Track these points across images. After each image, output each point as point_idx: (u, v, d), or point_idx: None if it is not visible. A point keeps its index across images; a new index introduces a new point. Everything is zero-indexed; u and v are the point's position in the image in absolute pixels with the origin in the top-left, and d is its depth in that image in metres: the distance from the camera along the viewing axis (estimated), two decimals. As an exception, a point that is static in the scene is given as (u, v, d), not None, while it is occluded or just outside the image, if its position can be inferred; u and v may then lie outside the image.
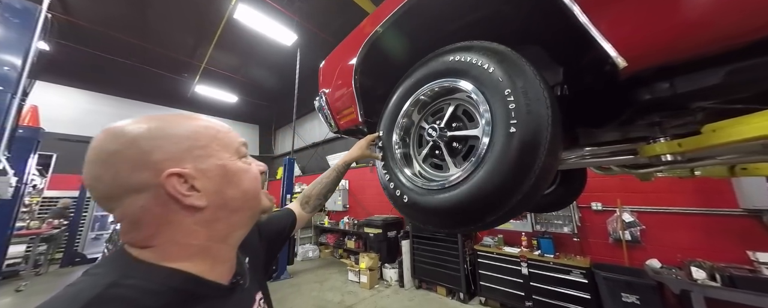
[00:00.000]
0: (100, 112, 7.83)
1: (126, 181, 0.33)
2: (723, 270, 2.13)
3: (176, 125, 0.37)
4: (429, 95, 0.85)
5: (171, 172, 0.34)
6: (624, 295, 2.39)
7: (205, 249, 0.38)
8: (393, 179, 0.87)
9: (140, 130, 0.35)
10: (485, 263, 3.49)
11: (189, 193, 0.35)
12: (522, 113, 0.57)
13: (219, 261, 0.40)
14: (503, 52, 0.66)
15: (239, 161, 0.42)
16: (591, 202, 3.12)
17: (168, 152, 0.35)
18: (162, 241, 0.35)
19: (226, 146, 0.41)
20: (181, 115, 0.40)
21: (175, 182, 0.34)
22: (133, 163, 0.33)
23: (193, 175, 0.35)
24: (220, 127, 0.42)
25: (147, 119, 0.37)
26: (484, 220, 0.63)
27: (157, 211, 0.34)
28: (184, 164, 0.35)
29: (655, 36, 0.46)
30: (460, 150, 0.78)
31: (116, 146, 0.33)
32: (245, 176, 0.41)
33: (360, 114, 1.09)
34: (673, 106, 0.57)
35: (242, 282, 0.44)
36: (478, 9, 0.87)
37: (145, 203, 0.34)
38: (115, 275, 0.32)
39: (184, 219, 0.35)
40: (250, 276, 0.49)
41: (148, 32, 6.12)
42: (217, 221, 0.38)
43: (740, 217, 2.33)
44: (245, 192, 0.41)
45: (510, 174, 0.57)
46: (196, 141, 0.37)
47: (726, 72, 0.46)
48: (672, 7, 0.44)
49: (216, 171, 0.38)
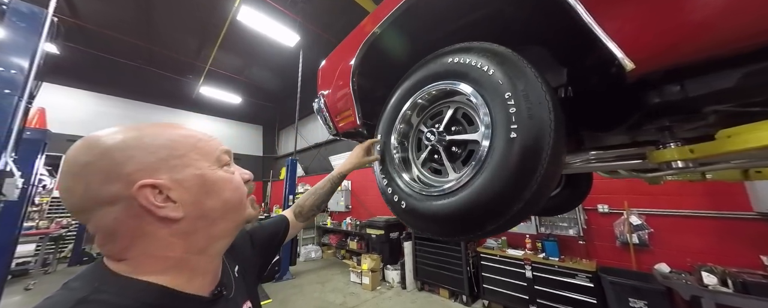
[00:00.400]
0: (107, 113, 7.97)
1: (97, 193, 0.32)
2: (735, 275, 2.06)
3: (153, 135, 0.36)
4: (427, 98, 0.83)
5: (143, 183, 0.33)
6: (631, 300, 2.32)
7: (183, 261, 0.36)
8: (391, 184, 0.85)
9: (114, 140, 0.34)
10: (488, 265, 3.45)
11: (163, 204, 0.34)
12: (523, 117, 0.54)
13: (198, 272, 0.39)
14: (503, 53, 0.63)
15: (220, 170, 0.40)
16: (597, 204, 3.05)
17: (141, 163, 0.34)
18: (136, 253, 0.34)
19: (206, 155, 0.39)
20: (161, 124, 0.39)
21: (148, 194, 0.33)
22: (104, 175, 0.32)
23: (167, 186, 0.34)
24: (201, 135, 0.41)
25: (125, 128, 0.36)
26: (484, 228, 0.61)
27: (130, 223, 0.33)
28: (158, 175, 0.34)
29: (665, 36, 0.43)
30: (460, 155, 0.76)
31: (88, 157, 0.33)
32: (226, 186, 0.40)
33: (358, 117, 1.07)
34: (684, 110, 0.54)
35: (226, 293, 0.43)
36: (478, 8, 0.85)
37: (117, 215, 0.33)
38: (88, 289, 0.31)
39: (159, 231, 0.34)
40: (237, 285, 0.48)
41: (153, 34, 6.21)
42: (195, 232, 0.37)
43: (754, 221, 2.25)
44: (226, 202, 0.39)
45: (511, 181, 0.54)
46: (173, 150, 0.36)
47: (742, 75, 0.43)
48: (682, 5, 0.41)
49: (193, 181, 0.37)
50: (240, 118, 11.09)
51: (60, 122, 6.88)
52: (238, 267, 0.51)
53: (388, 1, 0.90)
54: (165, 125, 0.39)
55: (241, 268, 0.52)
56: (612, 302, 2.44)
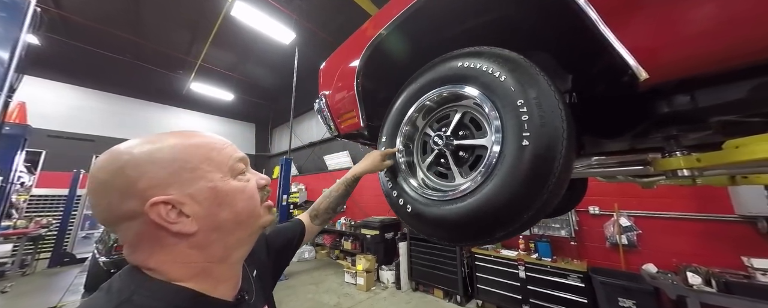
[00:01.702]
0: (92, 108, 7.65)
1: (118, 209, 0.34)
2: (718, 275, 2.14)
3: (165, 148, 0.36)
4: (435, 100, 0.82)
5: (154, 201, 0.33)
6: (621, 300, 2.39)
7: (205, 269, 0.38)
8: (396, 188, 0.84)
9: (129, 157, 0.35)
10: (482, 266, 3.49)
11: (176, 220, 0.35)
12: (535, 125, 0.54)
13: (221, 279, 0.40)
14: (515, 59, 0.63)
15: (233, 179, 0.40)
16: (588, 206, 3.13)
17: (153, 179, 0.34)
18: (160, 263, 0.35)
19: (219, 165, 0.39)
20: (175, 133, 0.39)
21: (160, 211, 0.34)
22: (121, 192, 0.33)
23: (180, 201, 0.35)
24: (214, 144, 0.41)
25: (141, 142, 0.37)
26: (494, 235, 0.60)
27: (150, 236, 0.35)
28: (169, 191, 0.34)
29: (680, 47, 0.44)
30: (467, 159, 0.75)
31: (106, 175, 0.34)
32: (239, 196, 0.40)
33: (362, 118, 1.05)
34: (693, 119, 0.55)
35: (247, 298, 0.44)
36: (485, 12, 0.85)
37: (137, 229, 0.34)
38: (127, 292, 0.33)
39: (177, 244, 0.36)
40: (256, 289, 0.49)
41: (142, 28, 6.00)
42: (211, 244, 0.38)
43: (736, 223, 2.35)
44: (239, 213, 0.39)
45: (522, 189, 0.54)
46: (185, 163, 0.36)
47: (751, 87, 0.44)
48: (698, 18, 0.41)
49: (206, 194, 0.37)
50: (232, 115, 10.87)
51: (42, 116, 6.58)
52: (256, 272, 0.52)
53: (395, 3, 0.88)
54: (181, 134, 0.39)
55: (258, 272, 0.53)
56: (602, 301, 2.51)
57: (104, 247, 3.38)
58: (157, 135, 0.38)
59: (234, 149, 0.43)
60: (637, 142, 0.76)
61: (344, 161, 6.95)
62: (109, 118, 7.88)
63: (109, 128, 7.80)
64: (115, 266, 3.31)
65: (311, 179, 7.96)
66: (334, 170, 7.23)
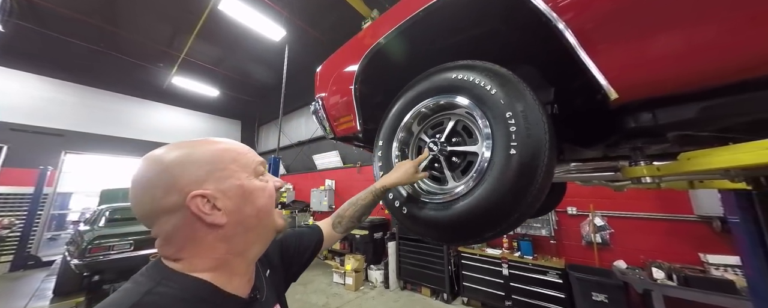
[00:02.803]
0: (61, 101, 7.13)
1: (160, 204, 0.38)
2: (679, 270, 2.35)
3: (200, 151, 0.42)
4: (430, 108, 0.87)
5: (195, 194, 0.38)
6: (594, 294, 2.57)
7: (225, 261, 0.41)
8: (392, 190, 0.88)
9: (170, 157, 0.40)
10: (468, 264, 3.60)
11: (211, 212, 0.39)
12: (522, 136, 0.60)
13: (237, 273, 0.43)
14: (505, 75, 0.69)
15: (256, 179, 0.45)
16: (567, 207, 3.32)
17: (192, 176, 0.39)
18: (188, 255, 0.40)
19: (244, 167, 0.44)
20: (205, 140, 0.45)
21: (198, 203, 0.38)
22: (165, 188, 0.38)
23: (214, 195, 0.39)
24: (240, 149, 0.46)
25: (176, 146, 0.42)
26: (483, 235, 0.66)
27: (185, 229, 0.39)
28: (206, 186, 0.39)
29: (645, 72, 0.51)
30: (459, 165, 0.81)
31: (151, 174, 0.39)
32: (261, 194, 0.45)
33: (359, 123, 1.09)
34: (653, 133, 0.63)
35: (259, 297, 0.47)
36: (477, 26, 0.91)
37: (176, 222, 0.38)
38: (152, 283, 0.36)
39: (207, 236, 0.40)
40: (268, 289, 0.51)
41: (119, 17, 5.67)
42: (235, 236, 0.42)
43: (694, 223, 2.59)
44: (259, 210, 0.44)
45: (509, 193, 0.60)
46: (216, 164, 0.41)
47: (699, 108, 0.52)
48: (661, 48, 0.49)
49: (235, 191, 0.42)
50: (217, 112, 10.49)
51: (4, 108, 6.09)
52: (269, 272, 0.55)
53: (394, 14, 0.93)
54: (208, 141, 0.45)
55: (271, 273, 0.56)
56: (578, 296, 2.68)
57: (77, 249, 3.19)
58: (189, 142, 0.43)
59: (255, 153, 0.49)
60: (609, 151, 0.85)
61: (334, 161, 6.92)
62: (80, 111, 7.38)
63: (80, 122, 7.31)
64: (90, 269, 3.13)
65: (299, 179, 7.85)
66: (324, 169, 7.17)
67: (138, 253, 3.45)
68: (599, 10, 0.53)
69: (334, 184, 6.50)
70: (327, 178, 6.64)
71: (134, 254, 3.42)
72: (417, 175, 0.80)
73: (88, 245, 3.12)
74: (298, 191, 7.57)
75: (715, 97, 0.49)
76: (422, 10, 0.83)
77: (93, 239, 3.19)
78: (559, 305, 2.81)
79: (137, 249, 3.46)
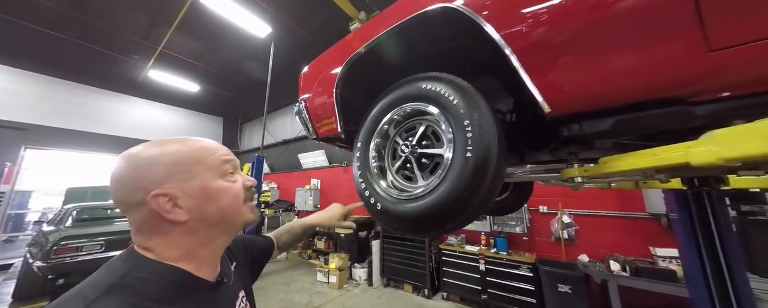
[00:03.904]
0: (22, 92, 6.59)
1: (129, 199, 0.42)
2: (632, 262, 2.62)
3: (168, 151, 0.45)
4: (403, 115, 0.96)
5: (155, 193, 0.41)
6: (560, 286, 2.79)
7: (192, 251, 0.45)
8: (368, 188, 0.96)
9: (140, 157, 0.43)
10: (448, 260, 3.77)
11: (172, 210, 0.42)
12: (477, 141, 0.70)
13: (204, 262, 0.48)
14: (465, 87, 0.79)
15: (222, 180, 0.47)
16: (539, 205, 3.56)
17: (156, 176, 0.42)
18: (157, 244, 0.43)
19: (209, 167, 0.47)
20: (177, 139, 0.47)
21: (159, 201, 0.41)
22: (131, 186, 0.42)
23: (176, 195, 0.42)
24: (206, 149, 0.48)
25: (150, 145, 0.45)
26: (444, 227, 0.76)
27: (151, 222, 0.43)
28: (168, 186, 0.42)
29: (571, 92, 0.62)
30: (428, 165, 0.90)
31: (122, 172, 0.43)
32: (225, 195, 0.47)
33: (339, 125, 1.16)
34: (582, 141, 0.75)
35: (226, 281, 0.52)
36: (450, 40, 1.01)
37: (142, 216, 0.42)
38: (127, 268, 0.40)
39: (172, 230, 0.43)
40: (234, 277, 0.56)
41: (89, 4, 5.33)
42: (200, 231, 0.45)
43: (646, 219, 2.89)
44: (223, 209, 0.47)
45: (465, 191, 0.70)
46: (182, 165, 0.44)
47: (613, 121, 0.64)
48: (582, 74, 0.60)
49: (197, 191, 0.44)
50: (198, 108, 10.08)
51: (-49, 98, 5.55)
52: (235, 263, 0.60)
53: (374, 25, 1.01)
54: (180, 140, 0.47)
55: (237, 265, 0.61)
56: (546, 288, 2.90)
57: (40, 251, 3.00)
58: (164, 141, 0.46)
59: (224, 153, 0.50)
60: (553, 155, 0.98)
61: (320, 160, 6.90)
62: (43, 104, 6.85)
63: (43, 115, 6.79)
64: (55, 271, 2.96)
65: (284, 178, 7.75)
66: (309, 168, 7.13)
67: (109, 254, 3.29)
68: (534, 42, 0.64)
69: (319, 183, 6.48)
70: (312, 177, 6.61)
71: (105, 254, 3.27)
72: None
73: (53, 246, 2.95)
74: (282, 191, 7.47)
75: (622, 113, 0.62)
76: (396, 25, 0.92)
77: (59, 239, 3.02)
78: (529, 297, 3.02)
79: (109, 249, 3.31)
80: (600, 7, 0.55)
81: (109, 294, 0.36)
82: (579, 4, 0.57)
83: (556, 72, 0.62)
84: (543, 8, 0.62)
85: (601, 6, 0.55)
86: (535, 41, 0.63)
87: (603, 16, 0.55)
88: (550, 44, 0.62)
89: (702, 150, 0.48)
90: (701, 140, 0.49)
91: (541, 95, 0.64)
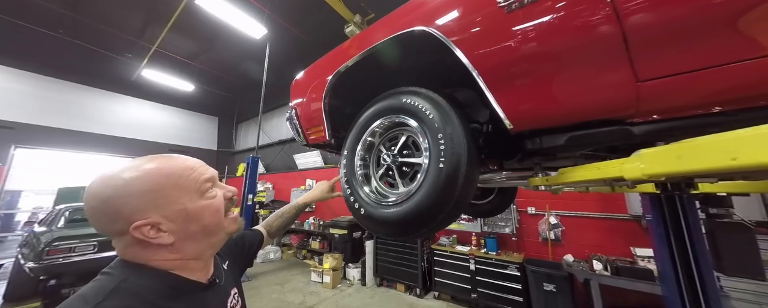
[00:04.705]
0: (11, 90, 6.49)
1: (110, 228, 0.44)
2: (613, 262, 2.73)
3: (143, 178, 0.45)
4: (385, 126, 1.03)
5: (137, 225, 0.42)
6: (545, 285, 2.89)
7: (182, 263, 0.49)
8: (353, 194, 1.03)
9: (111, 190, 0.43)
10: (440, 260, 3.85)
11: (156, 236, 0.44)
12: (449, 153, 0.77)
13: (195, 270, 0.51)
14: (440, 102, 0.86)
15: (201, 199, 0.49)
16: (527, 207, 3.66)
17: (134, 207, 0.43)
18: (147, 260, 0.46)
19: (187, 190, 0.47)
20: (153, 163, 0.47)
21: (143, 230, 0.43)
22: (110, 217, 0.43)
23: (156, 222, 0.44)
24: (183, 171, 0.48)
25: (125, 169, 0.45)
26: (420, 230, 0.83)
27: (137, 247, 0.45)
28: (148, 214, 0.43)
29: (528, 112, 0.70)
30: (408, 173, 0.97)
31: (96, 203, 0.43)
32: (206, 212, 0.49)
33: (328, 133, 1.22)
34: (543, 153, 0.83)
35: (218, 281, 0.56)
36: (431, 55, 1.08)
37: (127, 241, 0.45)
38: (125, 275, 0.43)
39: (159, 250, 0.46)
40: (226, 276, 0.61)
41: (81, 2, 5.28)
42: (185, 247, 0.48)
43: (628, 221, 3.01)
44: (206, 226, 0.49)
45: (438, 198, 0.77)
46: (158, 192, 0.45)
47: (568, 137, 0.72)
48: (536, 97, 0.68)
49: (178, 215, 0.46)
50: (192, 107, 10.01)
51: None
52: (227, 262, 0.65)
53: (365, 37, 1.07)
54: (156, 162, 0.47)
55: (229, 263, 0.66)
56: (532, 286, 3.00)
57: (32, 251, 3.00)
58: (138, 162, 0.46)
59: (203, 170, 0.51)
60: (522, 164, 1.06)
61: (316, 160, 6.94)
62: (34, 102, 6.76)
63: (33, 114, 6.70)
64: (47, 272, 2.97)
65: (279, 178, 7.76)
66: (305, 169, 7.16)
67: (102, 255, 3.30)
68: (496, 67, 0.72)
69: (314, 184, 6.51)
70: (308, 178, 6.65)
71: (98, 255, 3.27)
72: (330, 193, 1.08)
73: (46, 247, 2.95)
74: (278, 191, 7.48)
75: (574, 130, 0.70)
76: (383, 41, 0.99)
77: (52, 240, 3.02)
78: (517, 295, 3.12)
79: (102, 250, 3.32)
80: (548, 42, 0.62)
81: (111, 298, 0.39)
82: (531, 39, 0.64)
83: (515, 94, 0.70)
84: (503, 38, 0.69)
85: (549, 41, 0.62)
86: (497, 66, 0.71)
87: (551, 50, 0.62)
88: (510, 70, 0.69)
89: (631, 166, 0.56)
90: (632, 157, 0.57)
91: (503, 113, 0.72)
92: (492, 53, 0.71)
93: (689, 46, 0.51)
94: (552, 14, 0.60)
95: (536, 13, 0.62)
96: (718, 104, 0.52)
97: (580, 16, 0.57)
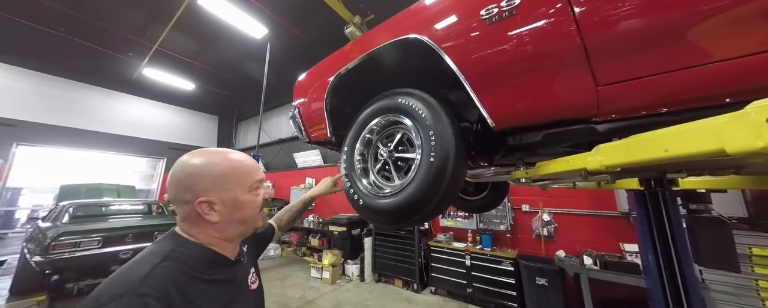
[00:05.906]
0: (12, 88, 6.53)
1: (181, 197, 0.56)
2: (602, 257, 2.83)
3: (214, 165, 0.58)
4: (383, 124, 1.12)
5: (201, 200, 0.55)
6: (538, 279, 2.99)
7: (219, 242, 0.60)
8: (353, 187, 1.12)
9: (193, 166, 0.57)
10: (437, 256, 3.95)
11: (209, 212, 0.56)
12: (439, 148, 0.86)
13: (228, 249, 0.63)
14: (431, 102, 0.95)
15: (250, 194, 0.61)
16: (522, 204, 3.76)
17: (204, 185, 0.56)
18: (195, 232, 0.58)
19: (243, 184, 0.60)
20: (225, 156, 0.60)
21: (202, 206, 0.55)
22: (185, 187, 0.56)
23: (214, 202, 0.56)
24: (245, 168, 0.62)
25: (203, 153, 0.59)
26: (411, 219, 0.92)
27: (193, 216, 0.57)
28: (210, 194, 0.56)
29: (509, 111, 0.79)
30: (403, 167, 1.06)
31: (179, 175, 0.57)
32: (249, 206, 0.61)
33: (329, 130, 1.31)
34: (524, 149, 0.92)
35: (242, 260, 0.68)
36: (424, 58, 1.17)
37: (187, 211, 0.57)
38: (175, 244, 0.55)
39: (207, 225, 0.58)
40: (247, 258, 0.73)
41: (82, 0, 5.33)
42: (225, 229, 0.60)
43: (617, 218, 3.11)
44: (244, 217, 0.61)
45: (428, 190, 0.86)
46: (224, 179, 0.58)
47: (544, 134, 0.81)
48: (513, 98, 0.77)
49: (230, 201, 0.58)
50: (193, 106, 10.06)
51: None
52: (247, 245, 0.76)
53: (365, 41, 1.16)
54: (227, 157, 0.60)
55: (249, 246, 0.77)
56: (525, 281, 3.10)
57: (38, 246, 3.07)
58: (214, 153, 0.59)
59: (259, 173, 0.64)
60: (506, 159, 1.15)
61: (315, 159, 7.02)
62: (35, 100, 6.81)
63: (36, 111, 6.76)
64: (53, 266, 3.04)
65: (279, 177, 7.84)
66: (304, 168, 7.24)
67: (106, 250, 3.38)
68: (480, 73, 0.81)
69: (314, 182, 6.60)
70: (307, 176, 6.73)
71: (102, 251, 3.35)
72: (334, 188, 1.20)
73: (52, 241, 3.02)
74: (278, 189, 7.56)
75: (548, 128, 0.79)
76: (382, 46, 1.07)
77: (58, 235, 3.09)
78: (511, 290, 3.22)
79: (106, 245, 3.39)
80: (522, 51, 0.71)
81: (167, 260, 0.50)
82: (509, 48, 0.73)
83: (496, 95, 0.79)
84: (486, 47, 0.78)
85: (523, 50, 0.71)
86: (481, 71, 0.80)
87: (524, 57, 0.71)
88: (492, 74, 0.78)
89: (592, 159, 0.65)
90: (593, 151, 0.66)
91: (486, 112, 0.81)
92: (476, 60, 0.80)
93: (637, 56, 0.60)
94: (524, 26, 0.69)
95: (512, 26, 0.72)
96: (663, 105, 0.61)
97: (547, 29, 0.66)
